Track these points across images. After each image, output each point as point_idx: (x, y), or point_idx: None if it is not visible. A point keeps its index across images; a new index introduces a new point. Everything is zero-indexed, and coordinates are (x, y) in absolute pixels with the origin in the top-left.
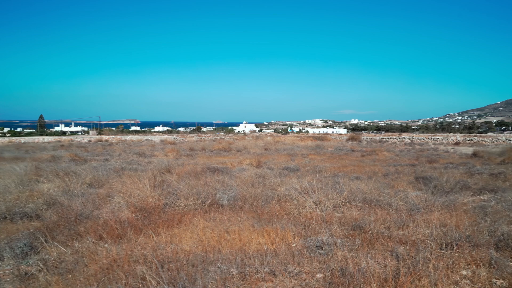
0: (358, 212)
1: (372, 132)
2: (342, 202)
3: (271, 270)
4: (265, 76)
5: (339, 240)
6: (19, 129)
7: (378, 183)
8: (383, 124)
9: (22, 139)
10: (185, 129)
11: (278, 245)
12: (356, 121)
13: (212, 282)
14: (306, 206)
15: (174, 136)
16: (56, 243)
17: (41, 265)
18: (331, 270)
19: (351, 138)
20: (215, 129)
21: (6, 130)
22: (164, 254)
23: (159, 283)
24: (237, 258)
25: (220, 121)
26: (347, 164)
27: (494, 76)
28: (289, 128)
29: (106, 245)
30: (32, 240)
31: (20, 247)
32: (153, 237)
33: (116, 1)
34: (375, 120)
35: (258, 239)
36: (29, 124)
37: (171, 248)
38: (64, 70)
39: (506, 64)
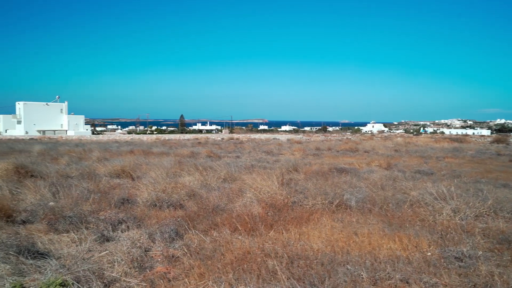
0: (506, 224)
1: None
2: (486, 211)
3: (403, 277)
4: (394, 73)
5: (482, 253)
6: (164, 127)
7: None
8: None
9: (166, 137)
10: (311, 129)
11: (411, 252)
12: (502, 121)
13: (341, 283)
14: (443, 213)
15: (300, 136)
16: (197, 231)
17: (185, 249)
18: (474, 285)
19: (496, 140)
20: (341, 128)
21: (154, 128)
22: (293, 251)
23: (289, 278)
24: (367, 261)
25: (346, 121)
26: (491, 170)
27: None
28: (421, 128)
29: (240, 237)
30: (177, 227)
31: (168, 232)
32: (282, 233)
33: None
34: None
35: (389, 244)
36: (171, 123)
37: (300, 245)
38: (201, 73)
39: None
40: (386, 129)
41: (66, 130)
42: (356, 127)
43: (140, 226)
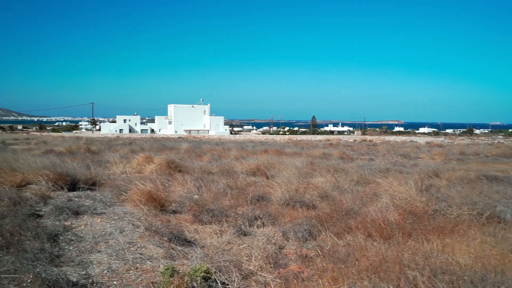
0: None
1: None
2: None
3: None
4: None
5: None
6: (295, 128)
7: None
8: None
9: (298, 137)
10: (454, 131)
11: None
12: None
13: None
14: None
15: (441, 138)
16: (330, 233)
17: (318, 250)
18: None
19: None
20: (490, 131)
21: (286, 128)
22: (436, 264)
23: None
24: None
25: (498, 123)
26: None
27: None
28: None
29: (375, 243)
30: (310, 227)
31: (301, 231)
32: (423, 243)
33: None
34: None
35: None
36: (303, 124)
37: (443, 258)
38: (334, 74)
39: None
40: None
41: (208, 130)
42: (510, 130)
43: (274, 224)
